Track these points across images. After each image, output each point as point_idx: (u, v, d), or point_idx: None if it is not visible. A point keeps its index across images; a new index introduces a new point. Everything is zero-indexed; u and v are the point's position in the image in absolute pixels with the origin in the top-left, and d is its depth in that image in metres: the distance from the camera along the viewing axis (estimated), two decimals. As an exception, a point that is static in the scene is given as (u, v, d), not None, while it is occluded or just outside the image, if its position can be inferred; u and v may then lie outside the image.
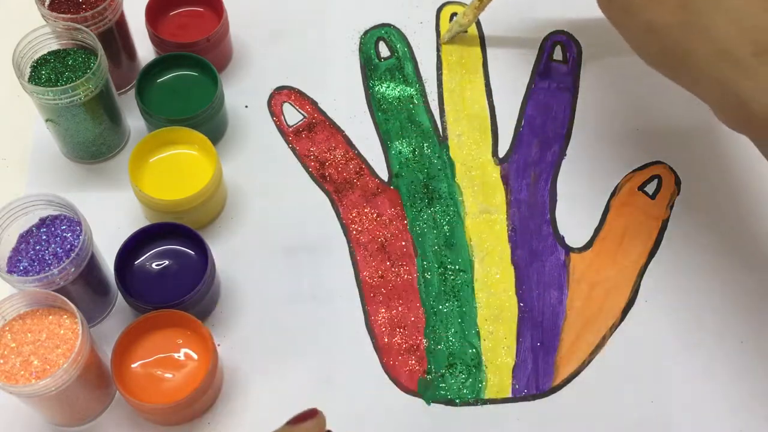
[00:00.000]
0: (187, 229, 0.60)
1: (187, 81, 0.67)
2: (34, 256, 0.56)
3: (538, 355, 0.61)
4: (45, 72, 0.61)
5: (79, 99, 0.61)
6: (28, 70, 0.62)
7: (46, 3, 0.65)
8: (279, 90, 0.72)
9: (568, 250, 0.65)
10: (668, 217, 0.67)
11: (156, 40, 0.69)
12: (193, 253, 0.60)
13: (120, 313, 0.62)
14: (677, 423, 0.59)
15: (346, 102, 0.71)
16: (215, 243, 0.63)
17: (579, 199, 0.67)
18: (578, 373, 0.61)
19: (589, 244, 0.66)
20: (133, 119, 0.69)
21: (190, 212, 0.62)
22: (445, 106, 0.71)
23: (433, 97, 0.72)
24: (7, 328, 0.53)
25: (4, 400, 0.55)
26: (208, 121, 0.66)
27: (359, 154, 0.69)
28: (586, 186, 0.68)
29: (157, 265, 0.60)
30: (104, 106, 0.64)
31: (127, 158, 0.63)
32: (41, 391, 0.51)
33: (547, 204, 0.67)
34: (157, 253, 0.60)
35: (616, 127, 0.71)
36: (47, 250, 0.56)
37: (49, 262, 0.56)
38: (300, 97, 0.72)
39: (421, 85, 0.72)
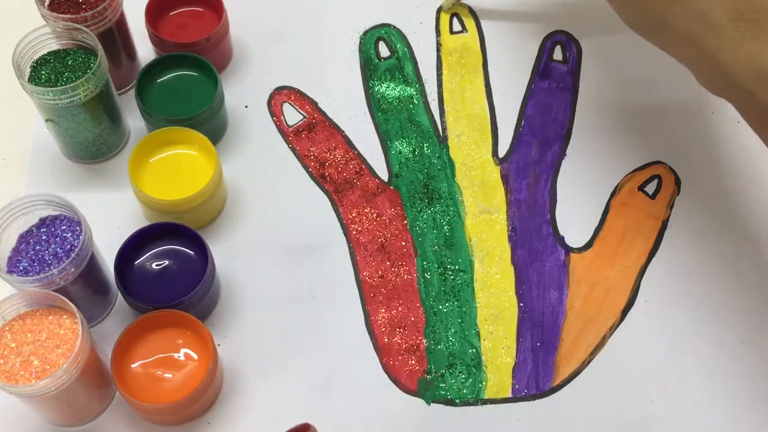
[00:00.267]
0: (187, 229, 0.60)
1: (187, 81, 0.67)
2: (34, 256, 0.56)
3: (538, 355, 0.61)
4: (45, 72, 0.61)
5: (79, 99, 0.61)
6: (28, 70, 0.62)
7: (46, 3, 0.65)
8: (279, 90, 0.72)
9: (568, 250, 0.65)
10: (668, 217, 0.67)
11: (156, 40, 0.69)
12: (193, 253, 0.60)
13: (120, 313, 0.62)
14: (677, 423, 0.59)
15: (346, 102, 0.71)
16: (215, 243, 0.63)
17: (579, 199, 0.67)
18: (578, 373, 0.61)
19: (589, 244, 0.66)
20: (133, 119, 0.69)
21: (190, 212, 0.62)
22: (445, 106, 0.71)
23: (433, 97, 0.72)
24: (7, 328, 0.53)
25: (4, 400, 0.55)
26: (208, 121, 0.66)
27: (359, 154, 0.69)
28: (586, 186, 0.68)
29: (157, 265, 0.60)
30: (104, 106, 0.64)
31: (127, 158, 0.63)
32: (41, 391, 0.51)
33: (547, 204, 0.67)
34: (157, 253, 0.60)
35: (616, 127, 0.71)
36: (47, 250, 0.56)
37: (49, 262, 0.56)
38: (300, 97, 0.72)
39: (421, 85, 0.72)
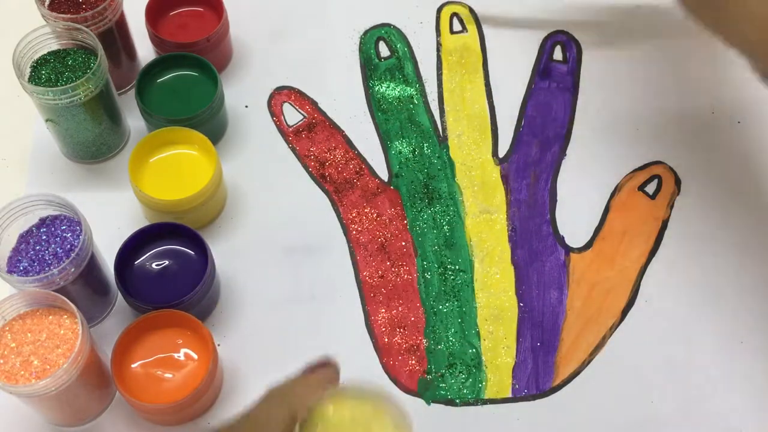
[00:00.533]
0: (187, 229, 0.60)
1: (187, 81, 0.67)
2: (34, 256, 0.56)
3: (538, 355, 0.61)
4: (45, 72, 0.61)
5: (79, 99, 0.61)
6: (28, 70, 0.62)
7: (46, 3, 0.65)
8: (279, 90, 0.72)
9: (568, 250, 0.65)
10: (668, 217, 0.67)
11: (156, 40, 0.69)
12: (193, 253, 0.60)
13: (120, 313, 0.62)
14: (677, 423, 0.59)
15: (346, 102, 0.71)
16: (215, 243, 0.63)
17: (579, 199, 0.67)
18: (578, 373, 0.61)
19: (589, 244, 0.66)
20: (133, 119, 0.69)
21: (190, 212, 0.62)
22: (445, 106, 0.71)
23: (433, 97, 0.72)
24: (7, 328, 0.53)
25: (4, 400, 0.55)
26: (208, 121, 0.66)
27: (359, 154, 0.69)
28: (586, 186, 0.68)
29: (157, 265, 0.60)
30: (104, 106, 0.64)
31: (127, 158, 0.63)
32: (41, 391, 0.51)
33: (547, 204, 0.67)
34: (157, 253, 0.60)
35: (616, 127, 0.71)
36: (47, 250, 0.56)
37: (49, 262, 0.56)
38: (300, 97, 0.72)
39: (421, 85, 0.72)
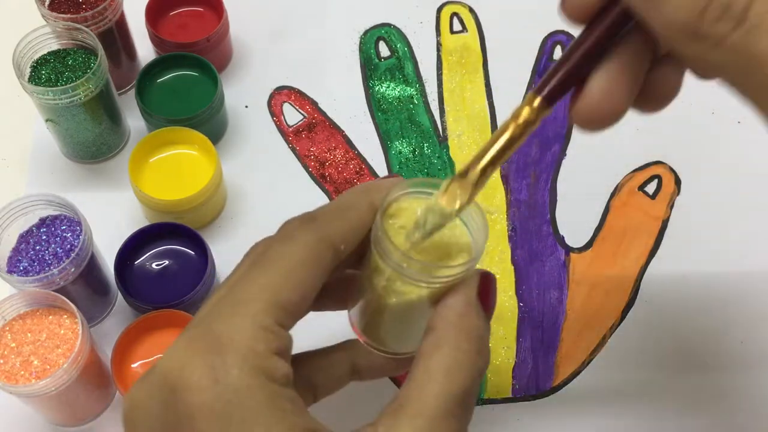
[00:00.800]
0: (187, 229, 0.60)
1: (187, 81, 0.67)
2: (34, 256, 0.56)
3: (538, 355, 0.61)
4: (45, 72, 0.61)
5: (79, 99, 0.61)
6: (28, 70, 0.62)
7: (46, 3, 0.65)
8: (279, 90, 0.72)
9: (568, 250, 0.65)
10: (668, 217, 0.67)
11: (156, 40, 0.69)
12: (193, 253, 0.60)
13: (120, 313, 0.62)
14: (677, 423, 0.59)
15: (346, 102, 0.72)
16: (215, 243, 0.63)
17: (579, 199, 0.67)
18: (578, 373, 0.61)
19: (589, 244, 0.66)
20: (133, 119, 0.69)
21: (190, 212, 0.62)
22: (445, 106, 0.71)
23: (433, 97, 0.72)
24: (7, 328, 0.53)
25: (4, 400, 0.55)
26: (208, 121, 0.66)
27: (359, 154, 0.69)
28: (586, 186, 0.68)
29: (157, 265, 0.60)
30: (104, 106, 0.64)
31: (127, 158, 0.63)
32: (41, 391, 0.51)
33: (547, 204, 0.67)
34: (157, 253, 0.60)
35: (616, 127, 0.71)
36: (47, 250, 0.56)
37: (49, 262, 0.56)
38: (300, 97, 0.72)
39: (421, 85, 0.72)
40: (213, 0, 0.70)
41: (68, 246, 0.56)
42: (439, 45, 0.75)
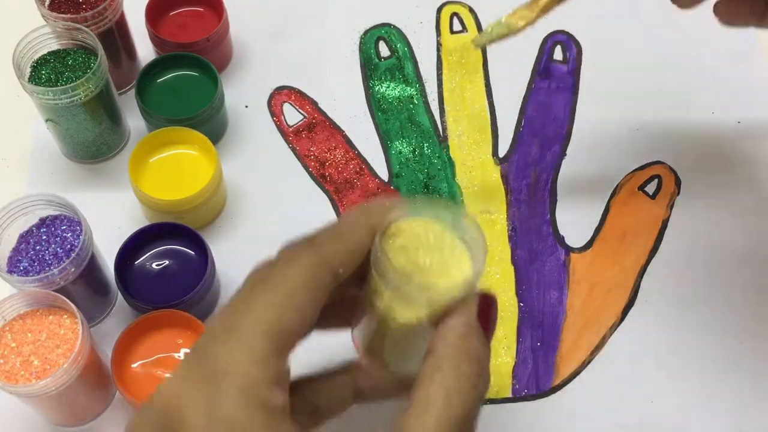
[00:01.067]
0: (187, 229, 0.60)
1: (187, 81, 0.67)
2: (34, 256, 0.56)
3: (538, 355, 0.61)
4: (45, 72, 0.61)
5: (79, 99, 0.61)
6: (28, 70, 0.62)
7: (46, 3, 0.65)
8: (279, 90, 0.72)
9: (568, 250, 0.65)
10: (668, 217, 0.67)
11: (156, 40, 0.69)
12: (193, 253, 0.60)
13: (120, 313, 0.62)
14: (677, 423, 0.59)
15: (346, 102, 0.71)
16: (215, 243, 0.63)
17: (579, 199, 0.67)
18: (578, 373, 0.61)
19: (589, 244, 0.65)
20: (133, 119, 0.69)
21: (190, 212, 0.62)
22: (445, 106, 0.71)
23: (433, 97, 0.72)
24: (7, 328, 0.53)
25: (4, 400, 0.55)
26: (208, 121, 0.66)
27: (359, 154, 0.69)
28: (586, 186, 0.68)
29: (157, 265, 0.60)
30: (104, 106, 0.64)
31: (127, 158, 0.63)
32: (41, 391, 0.51)
33: (547, 204, 0.67)
34: (157, 253, 0.60)
35: (616, 127, 0.71)
36: (47, 250, 0.56)
37: (49, 262, 0.56)
38: (300, 97, 0.72)
39: (421, 85, 0.72)
40: (213, 0, 0.70)
41: (68, 246, 0.56)
42: (439, 45, 0.75)
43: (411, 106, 0.71)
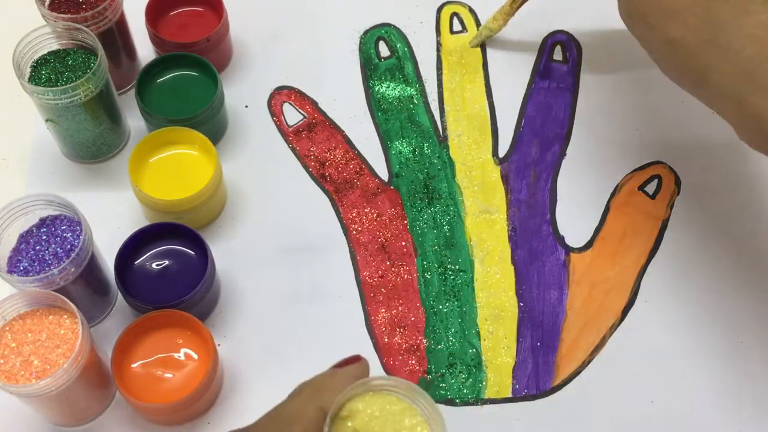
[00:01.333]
0: (187, 229, 0.60)
1: (187, 81, 0.67)
2: (34, 256, 0.56)
3: (538, 355, 0.61)
4: (45, 72, 0.61)
5: (79, 99, 0.61)
6: (28, 70, 0.62)
7: (46, 3, 0.65)
8: (279, 90, 0.72)
9: (568, 250, 0.65)
10: (668, 217, 0.67)
11: (156, 40, 0.69)
12: (193, 253, 0.60)
13: (120, 313, 0.62)
14: (677, 423, 0.59)
15: (346, 102, 0.71)
16: (215, 243, 0.63)
17: (579, 199, 0.67)
18: (578, 373, 0.61)
19: (589, 244, 0.66)
20: (133, 119, 0.69)
21: (190, 212, 0.62)
22: (445, 106, 0.71)
23: (433, 97, 0.72)
24: (7, 328, 0.53)
25: (4, 400, 0.55)
26: (208, 121, 0.66)
27: (359, 154, 0.69)
28: (586, 186, 0.68)
29: (157, 265, 0.60)
30: (104, 106, 0.64)
31: (127, 158, 0.63)
32: (41, 391, 0.51)
33: (547, 204, 0.67)
34: (157, 253, 0.60)
35: (616, 127, 0.71)
36: (47, 250, 0.56)
37: (49, 262, 0.56)
38: (300, 97, 0.72)
39: (421, 85, 0.72)
40: (213, 0, 0.70)
41: (68, 246, 0.56)
42: (439, 45, 0.75)
43: (411, 106, 0.71)
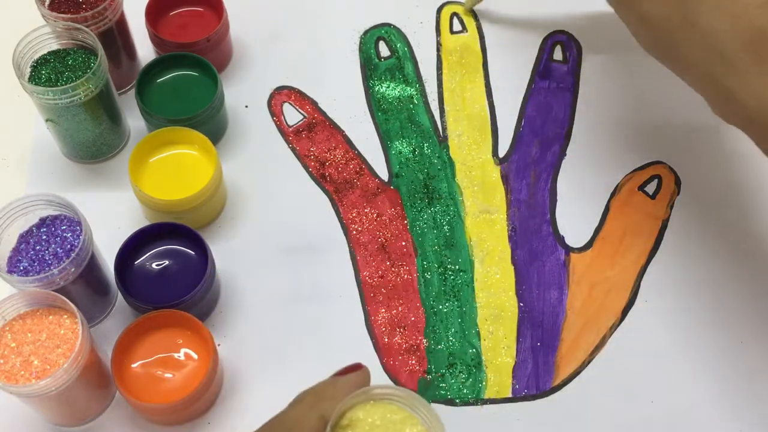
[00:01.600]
0: (187, 229, 0.60)
1: (187, 81, 0.67)
2: (34, 256, 0.56)
3: (538, 355, 0.61)
4: (45, 72, 0.61)
5: (79, 99, 0.61)
6: (28, 70, 0.62)
7: (46, 3, 0.65)
8: (279, 90, 0.72)
9: (568, 250, 0.65)
10: (668, 217, 0.67)
11: (156, 40, 0.69)
12: (193, 253, 0.60)
13: (120, 313, 0.62)
14: (677, 423, 0.59)
15: (346, 102, 0.71)
16: (215, 243, 0.63)
17: (579, 199, 0.67)
18: (578, 373, 0.61)
19: (589, 244, 0.66)
20: (133, 119, 0.69)
21: (190, 212, 0.62)
22: (445, 106, 0.71)
23: (433, 97, 0.72)
24: (8, 328, 0.53)
25: (4, 400, 0.55)
26: (208, 121, 0.66)
27: (359, 154, 0.69)
28: (586, 186, 0.68)
29: (157, 265, 0.60)
30: (104, 106, 0.64)
31: (127, 158, 0.63)
32: (41, 391, 0.51)
33: (547, 204, 0.67)
34: (157, 253, 0.60)
35: (616, 127, 0.71)
36: (47, 250, 0.56)
37: (49, 262, 0.56)
38: (300, 97, 0.72)
39: (421, 85, 0.72)
40: (213, 0, 0.70)
41: (68, 246, 0.56)
42: (439, 45, 0.75)
43: (411, 106, 0.71)
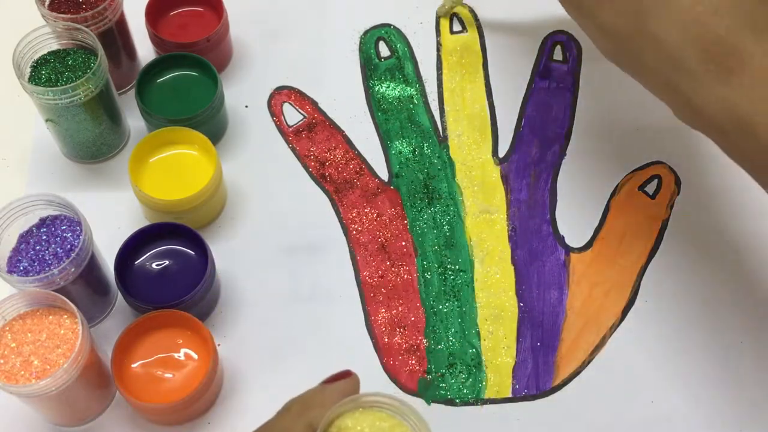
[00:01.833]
0: (187, 229, 0.60)
1: (187, 81, 0.67)
2: (34, 256, 0.56)
3: (538, 354, 0.61)
4: (45, 72, 0.61)
5: (79, 99, 0.61)
6: (28, 70, 0.62)
7: (46, 3, 0.65)
8: (279, 90, 0.72)
9: (568, 250, 0.65)
10: (668, 217, 0.67)
11: (156, 40, 0.69)
12: (193, 253, 0.60)
13: (120, 313, 0.62)
14: (677, 423, 0.59)
15: (346, 102, 0.71)
16: (215, 243, 0.63)
17: (579, 199, 0.67)
18: (578, 373, 0.61)
19: (589, 244, 0.66)
20: (133, 119, 0.69)
21: (190, 212, 0.62)
22: (445, 106, 0.71)
23: (433, 97, 0.72)
24: (7, 328, 0.53)
25: (4, 400, 0.55)
26: (208, 121, 0.66)
27: (359, 154, 0.69)
28: (586, 186, 0.68)
29: (157, 265, 0.60)
30: (104, 106, 0.64)
31: (127, 158, 0.63)
32: (41, 391, 0.51)
33: (547, 204, 0.67)
34: (157, 253, 0.60)
35: (616, 127, 0.71)
36: (47, 250, 0.56)
37: (49, 262, 0.56)
38: (300, 97, 0.72)
39: (421, 85, 0.72)
40: (213, 0, 0.70)
41: (68, 246, 0.56)
42: (439, 45, 0.75)
43: (411, 106, 0.71)
